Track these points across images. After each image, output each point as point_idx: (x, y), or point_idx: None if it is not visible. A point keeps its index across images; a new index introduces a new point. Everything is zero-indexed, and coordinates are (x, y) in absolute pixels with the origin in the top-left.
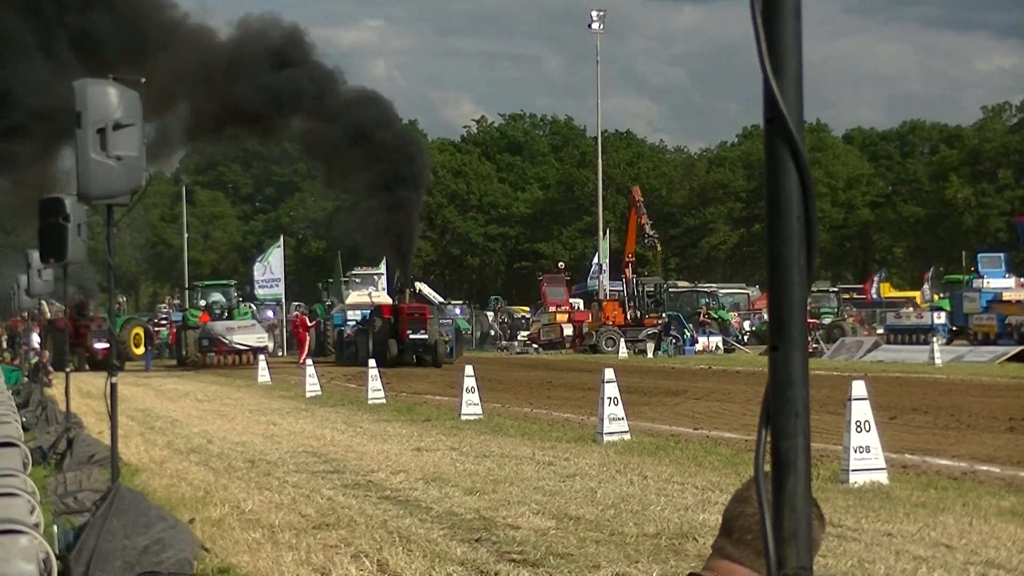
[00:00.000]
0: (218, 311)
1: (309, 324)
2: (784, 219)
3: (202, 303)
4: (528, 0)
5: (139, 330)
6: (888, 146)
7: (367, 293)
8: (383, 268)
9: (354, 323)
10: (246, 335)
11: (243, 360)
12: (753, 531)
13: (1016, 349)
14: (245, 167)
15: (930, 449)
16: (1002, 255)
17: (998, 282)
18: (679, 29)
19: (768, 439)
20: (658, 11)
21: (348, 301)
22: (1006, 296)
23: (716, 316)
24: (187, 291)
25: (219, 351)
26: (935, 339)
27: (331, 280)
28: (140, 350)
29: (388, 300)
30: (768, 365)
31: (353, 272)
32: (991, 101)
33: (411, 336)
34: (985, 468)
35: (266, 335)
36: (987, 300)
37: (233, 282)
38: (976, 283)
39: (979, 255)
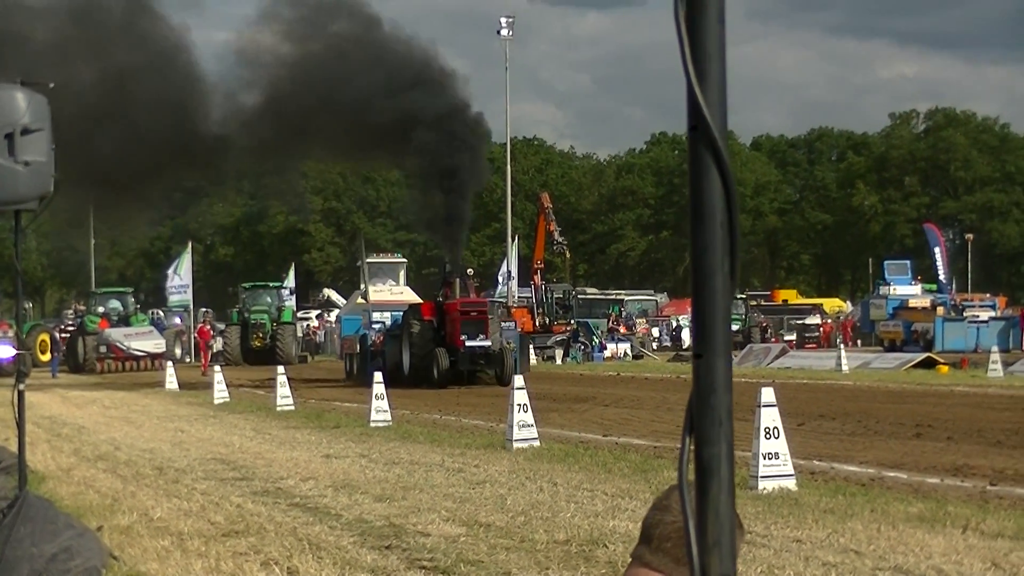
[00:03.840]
0: (115, 318)
1: (211, 334)
2: (707, 226)
3: (100, 310)
4: (432, 4)
5: (45, 336)
6: (796, 153)
7: (386, 288)
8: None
9: (380, 326)
10: (144, 341)
11: (140, 366)
12: (672, 539)
13: (922, 356)
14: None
15: (838, 455)
16: (908, 262)
17: (904, 289)
18: (583, 35)
19: (691, 446)
20: (562, 17)
21: (372, 299)
22: (912, 303)
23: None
24: (87, 297)
25: (117, 357)
26: (841, 345)
27: (245, 286)
28: (46, 356)
29: (414, 296)
30: (692, 373)
31: (369, 260)
32: (894, 108)
33: (467, 343)
34: (893, 474)
35: (163, 341)
36: (893, 307)
37: (130, 289)
38: (883, 290)
39: (885, 262)
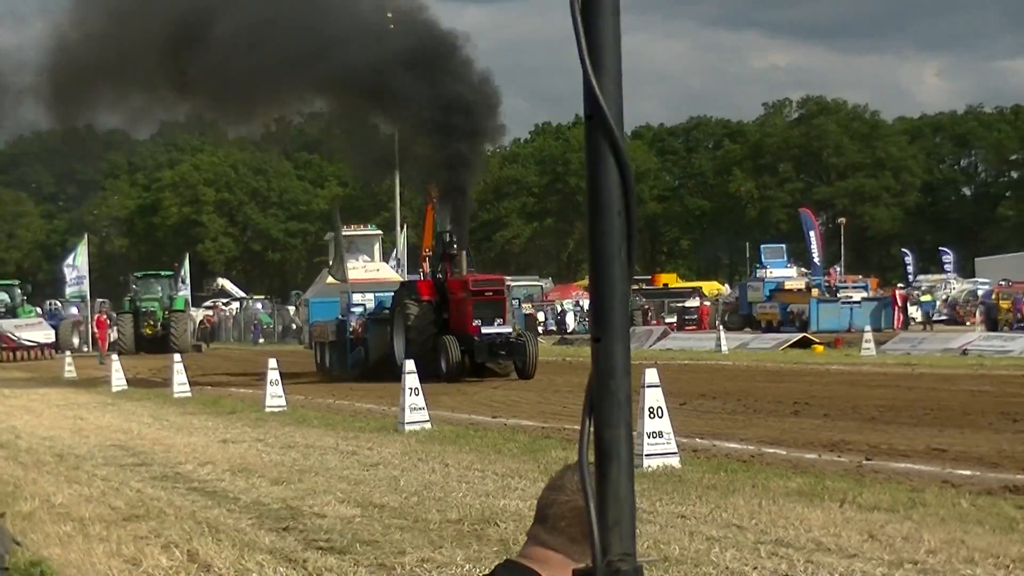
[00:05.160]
0: (3, 309)
1: (108, 324)
2: (605, 214)
3: None
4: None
5: None
6: (674, 141)
7: (360, 264)
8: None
9: (361, 311)
10: (34, 332)
11: (31, 355)
12: (566, 518)
13: (798, 336)
14: (48, 166)
15: (719, 433)
16: (783, 246)
17: (780, 272)
18: (463, 29)
19: (591, 429)
20: (441, 12)
21: (352, 277)
22: (788, 285)
23: None
24: None
25: (7, 347)
26: (721, 327)
27: (137, 275)
28: None
29: (391, 274)
30: (591, 356)
31: (345, 233)
32: (767, 97)
33: (484, 330)
34: (772, 450)
35: (52, 332)
36: (770, 289)
37: (16, 282)
38: (760, 273)
39: (762, 246)
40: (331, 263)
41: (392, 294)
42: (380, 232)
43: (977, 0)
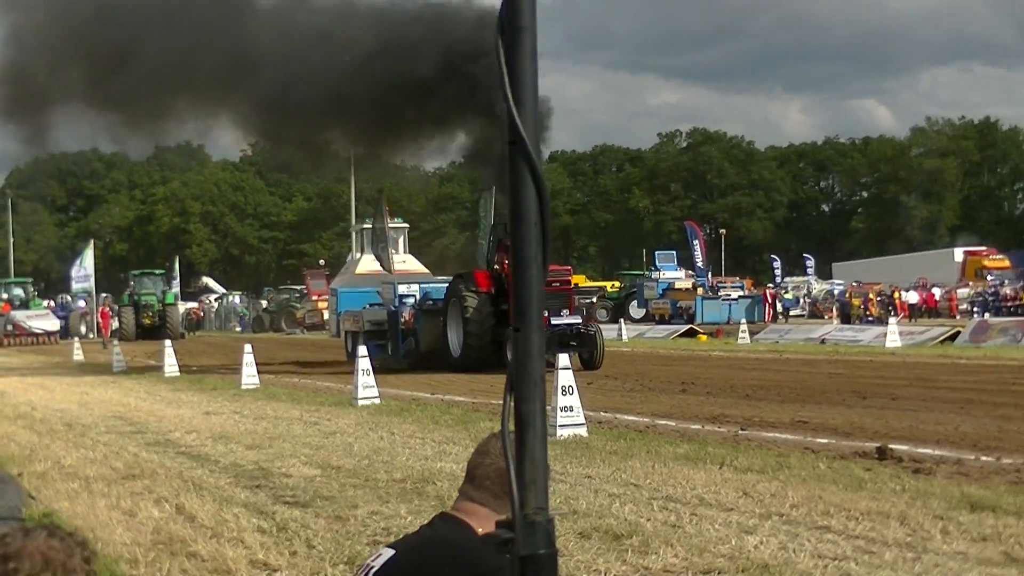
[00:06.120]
0: (17, 302)
1: (111, 315)
2: (524, 225)
3: (4, 296)
4: None
5: None
6: (583, 165)
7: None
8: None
9: (413, 302)
10: (43, 322)
11: (39, 341)
12: (491, 478)
13: (685, 327)
14: (61, 183)
15: (620, 407)
16: (674, 252)
17: (671, 274)
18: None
19: (512, 403)
20: None
21: (397, 268)
22: (677, 285)
23: None
24: None
25: (20, 334)
26: (622, 319)
27: (134, 273)
28: None
29: (419, 266)
30: (511, 343)
31: (368, 227)
32: (661, 128)
33: (552, 320)
34: (663, 422)
35: (59, 322)
36: (663, 288)
37: (29, 279)
38: (654, 275)
39: (656, 252)
40: (354, 254)
41: (433, 285)
42: (407, 225)
43: (833, 51)
